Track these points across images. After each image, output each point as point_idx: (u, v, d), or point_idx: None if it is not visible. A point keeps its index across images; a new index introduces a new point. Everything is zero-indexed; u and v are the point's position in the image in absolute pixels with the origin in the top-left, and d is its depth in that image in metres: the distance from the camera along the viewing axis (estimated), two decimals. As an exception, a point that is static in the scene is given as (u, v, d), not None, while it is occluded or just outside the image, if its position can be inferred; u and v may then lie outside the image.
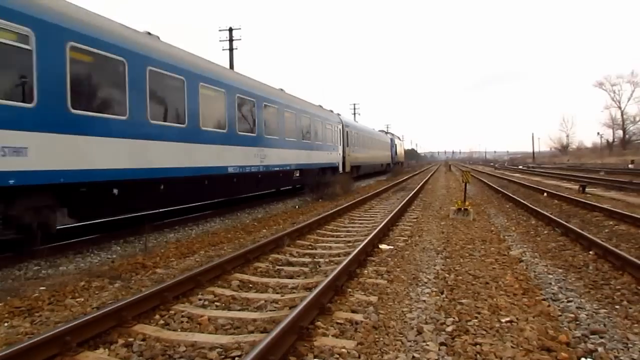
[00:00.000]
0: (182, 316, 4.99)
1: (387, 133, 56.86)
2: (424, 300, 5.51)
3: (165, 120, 10.84)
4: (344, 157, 27.98)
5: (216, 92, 13.08)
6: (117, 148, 9.23)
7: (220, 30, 34.26)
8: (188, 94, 11.58)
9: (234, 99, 14.11)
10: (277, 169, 17.37)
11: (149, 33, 11.26)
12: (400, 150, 63.06)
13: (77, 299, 5.71)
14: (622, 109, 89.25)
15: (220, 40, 34.17)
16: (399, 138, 66.13)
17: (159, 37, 11.56)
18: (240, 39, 34.30)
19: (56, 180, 7.83)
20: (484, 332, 4.44)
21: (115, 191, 9.34)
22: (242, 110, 14.71)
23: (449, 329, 4.55)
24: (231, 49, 33.97)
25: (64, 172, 7.95)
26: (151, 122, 10.23)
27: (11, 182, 6.95)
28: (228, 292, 5.91)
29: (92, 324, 4.31)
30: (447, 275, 6.64)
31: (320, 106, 25.96)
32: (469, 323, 4.67)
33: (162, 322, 4.85)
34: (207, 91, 12.48)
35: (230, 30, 34.02)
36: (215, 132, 12.92)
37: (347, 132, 28.94)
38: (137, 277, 6.84)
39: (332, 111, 28.53)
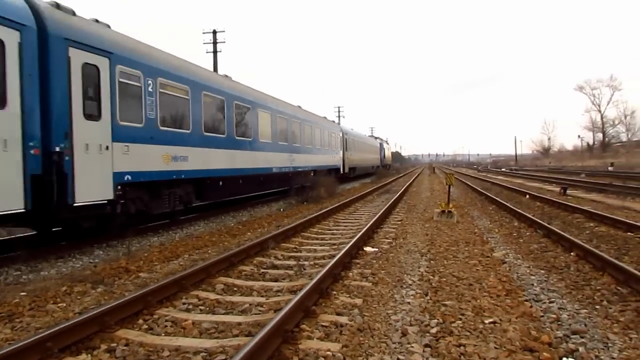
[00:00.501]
0: (166, 320, 4.94)
1: (376, 138, 61.22)
2: (409, 302, 5.54)
3: (242, 136, 15.97)
4: (343, 160, 33.25)
5: (266, 113, 18.35)
6: (222, 155, 14.36)
7: (204, 33, 34.21)
8: (254, 117, 17.08)
9: (276, 118, 19.40)
10: (301, 169, 22.85)
11: (226, 75, 16.53)
12: (388, 153, 68.63)
13: (59, 304, 5.64)
14: (602, 112, 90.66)
15: (204, 43, 34.13)
16: (386, 142, 71.51)
17: (231, 78, 16.53)
18: (224, 42, 34.27)
19: (197, 175, 12.82)
20: (468, 333, 4.48)
21: (221, 183, 14.38)
22: (280, 125, 19.96)
23: (434, 330, 4.58)
24: (215, 52, 33.89)
25: (200, 170, 12.95)
26: (236, 138, 15.43)
27: (182, 176, 12.03)
28: (212, 296, 5.88)
29: (74, 330, 4.25)
30: (431, 277, 6.69)
31: (325, 117, 31.50)
32: (453, 324, 4.71)
33: (145, 326, 4.81)
34: (262, 114, 17.83)
35: (214, 32, 33.93)
36: (266, 142, 18.20)
37: (345, 139, 34.20)
38: (120, 281, 6.77)
39: (334, 121, 35.73)
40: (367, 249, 8.69)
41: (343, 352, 4.07)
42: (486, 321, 4.80)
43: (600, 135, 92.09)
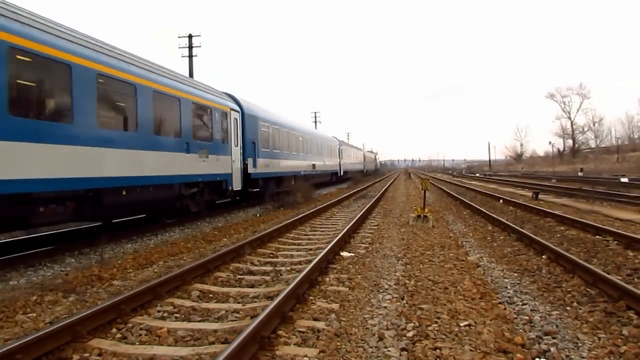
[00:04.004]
0: (140, 329, 4.87)
1: (372, 152, 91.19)
2: (385, 307, 5.57)
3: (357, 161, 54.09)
4: (364, 166, 62.05)
5: (361, 153, 63.88)
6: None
7: (179, 37, 33.94)
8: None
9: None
10: (357, 169, 54.30)
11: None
12: (377, 161, 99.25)
13: (29, 315, 5.49)
14: (572, 119, 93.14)
15: (179, 47, 33.84)
16: (376, 154, 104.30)
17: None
18: (200, 46, 34.08)
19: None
20: (444, 337, 4.53)
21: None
22: (358, 156, 58.93)
23: (410, 334, 4.62)
24: (191, 56, 33.63)
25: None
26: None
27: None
28: (188, 303, 5.82)
29: (45, 340, 4.14)
30: (407, 281, 6.74)
31: (358, 146, 67.38)
32: (429, 328, 4.76)
33: (119, 335, 4.72)
34: (354, 152, 56.00)
35: (190, 37, 33.67)
36: (360, 162, 60.17)
37: (364, 155, 65.49)
38: (93, 289, 6.64)
39: (360, 148, 69.81)
40: (344, 253, 8.72)
41: (320, 357, 4.07)
42: (461, 324, 4.86)
43: (570, 141, 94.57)
